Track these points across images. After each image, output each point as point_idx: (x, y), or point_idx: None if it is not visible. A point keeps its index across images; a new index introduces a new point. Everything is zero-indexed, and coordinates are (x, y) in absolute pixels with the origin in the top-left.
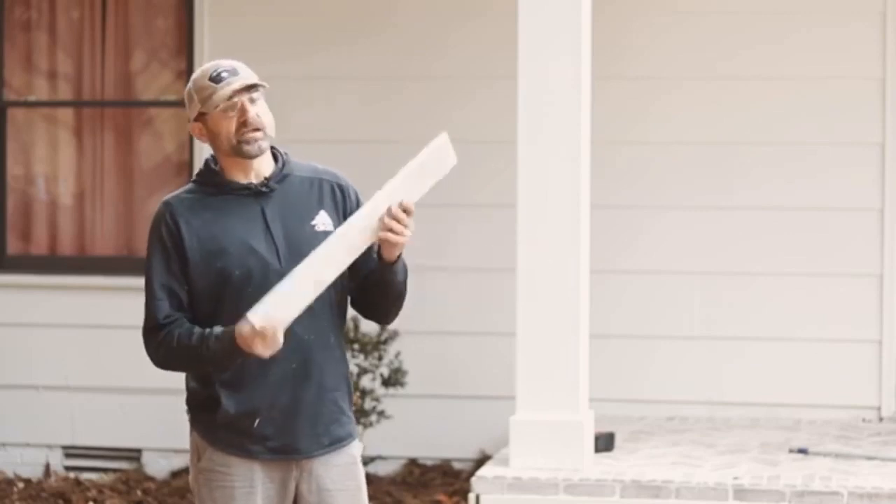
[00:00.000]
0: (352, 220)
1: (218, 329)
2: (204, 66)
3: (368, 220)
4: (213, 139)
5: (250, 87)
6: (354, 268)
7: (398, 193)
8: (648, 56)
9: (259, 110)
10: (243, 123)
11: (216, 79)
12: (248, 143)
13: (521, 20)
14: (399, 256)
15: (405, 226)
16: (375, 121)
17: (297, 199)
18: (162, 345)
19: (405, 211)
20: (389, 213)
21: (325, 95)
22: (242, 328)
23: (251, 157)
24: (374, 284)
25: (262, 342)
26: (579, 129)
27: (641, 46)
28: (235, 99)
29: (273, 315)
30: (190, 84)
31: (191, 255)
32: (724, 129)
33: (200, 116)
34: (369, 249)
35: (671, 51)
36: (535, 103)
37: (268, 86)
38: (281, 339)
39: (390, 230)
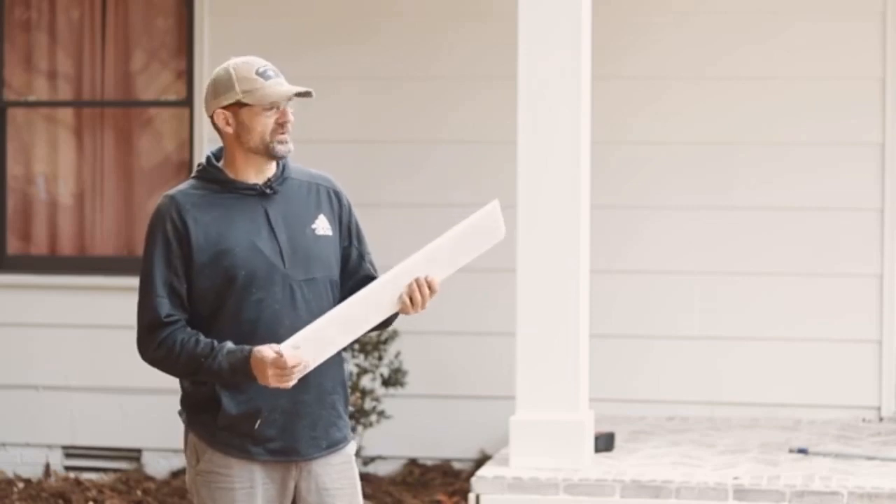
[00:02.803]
0: (385, 277)
1: (230, 344)
2: (244, 59)
3: (401, 280)
4: (241, 132)
5: (302, 94)
6: (343, 275)
7: (434, 262)
8: (646, 55)
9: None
10: (281, 125)
11: (263, 75)
12: (281, 143)
13: (521, 20)
14: None
15: (424, 301)
16: (375, 121)
17: (297, 202)
18: (162, 345)
19: (430, 287)
20: (416, 282)
21: (325, 95)
22: (264, 351)
23: (279, 157)
24: None
25: (278, 374)
26: (579, 128)
27: (639, 45)
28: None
29: (302, 354)
30: (229, 72)
31: (197, 253)
32: (722, 129)
33: (234, 106)
34: (361, 259)
35: (668, 50)
36: (535, 103)
37: (314, 94)
38: (296, 378)
39: (410, 300)
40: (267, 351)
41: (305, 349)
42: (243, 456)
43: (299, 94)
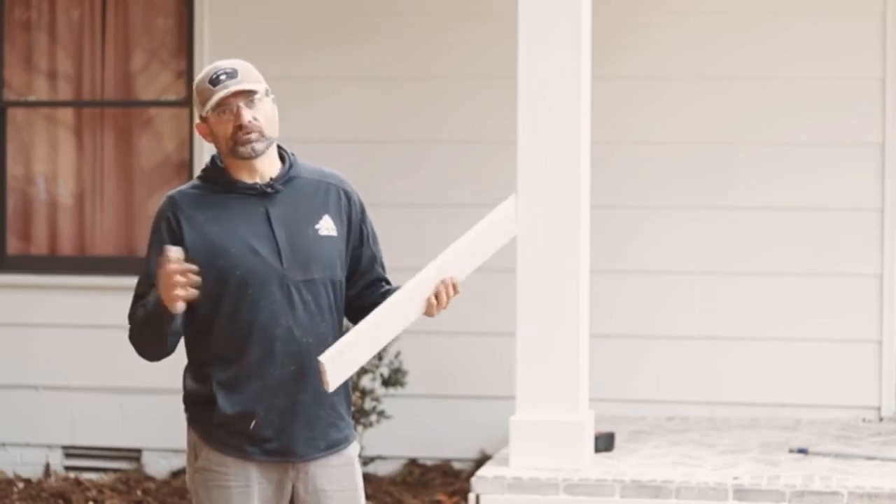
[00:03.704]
0: (414, 281)
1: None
2: (208, 67)
3: (430, 283)
4: (214, 140)
5: (243, 93)
6: (353, 277)
7: (457, 263)
8: (646, 55)
9: (258, 113)
10: (238, 127)
11: (214, 81)
12: (241, 144)
13: (521, 20)
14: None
15: (448, 301)
16: (375, 121)
17: (302, 201)
18: (131, 327)
19: (454, 288)
20: (443, 283)
21: (325, 95)
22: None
23: (244, 158)
24: (360, 314)
25: (164, 278)
26: (579, 128)
27: (639, 45)
28: (231, 103)
29: (337, 355)
30: (194, 87)
31: (191, 252)
32: (722, 129)
33: (203, 117)
34: (372, 262)
35: (668, 50)
36: (535, 103)
37: (260, 91)
38: (180, 294)
39: (437, 299)
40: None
41: (350, 355)
42: (239, 455)
43: (234, 95)
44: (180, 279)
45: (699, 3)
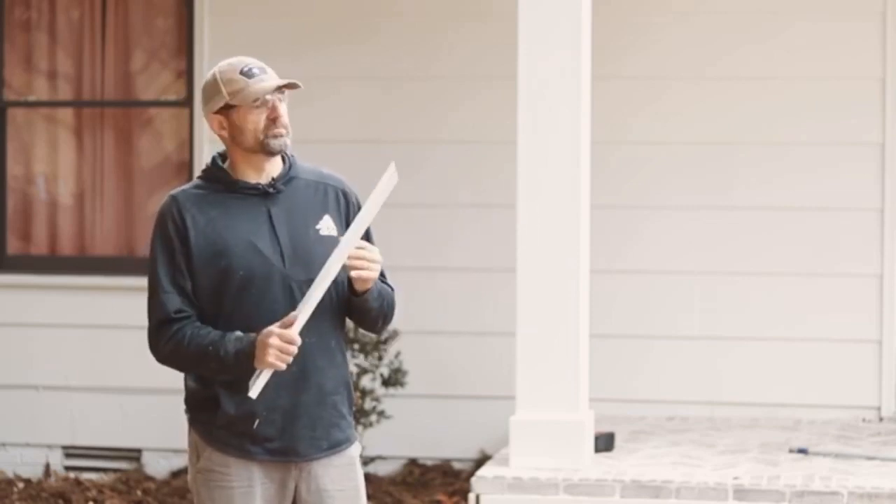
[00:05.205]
0: (323, 272)
1: (238, 332)
2: (229, 61)
3: (336, 268)
4: (235, 133)
5: (287, 86)
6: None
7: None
8: (646, 55)
9: (285, 110)
10: (273, 121)
11: (248, 74)
12: (275, 137)
13: (521, 20)
14: (369, 287)
15: (369, 258)
16: (375, 121)
17: (302, 202)
18: (171, 339)
19: (361, 246)
20: (352, 255)
21: (325, 95)
22: (270, 327)
23: (275, 152)
24: (351, 310)
25: (280, 346)
26: (579, 128)
27: (639, 45)
28: (270, 96)
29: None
30: (215, 76)
31: (195, 251)
32: (722, 129)
33: (224, 109)
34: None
35: (668, 50)
36: (535, 103)
37: (302, 86)
38: (287, 361)
39: (357, 267)
40: (272, 327)
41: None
42: (242, 455)
43: (287, 87)
44: (289, 355)
45: (699, 3)
